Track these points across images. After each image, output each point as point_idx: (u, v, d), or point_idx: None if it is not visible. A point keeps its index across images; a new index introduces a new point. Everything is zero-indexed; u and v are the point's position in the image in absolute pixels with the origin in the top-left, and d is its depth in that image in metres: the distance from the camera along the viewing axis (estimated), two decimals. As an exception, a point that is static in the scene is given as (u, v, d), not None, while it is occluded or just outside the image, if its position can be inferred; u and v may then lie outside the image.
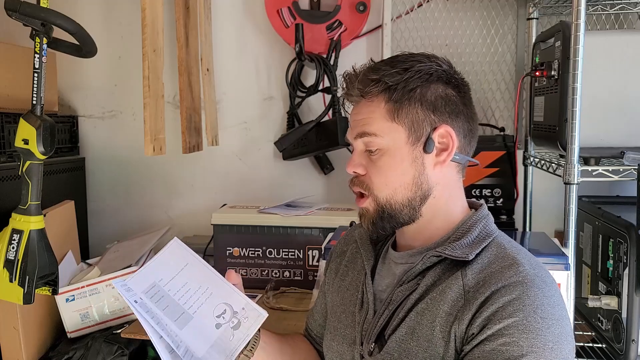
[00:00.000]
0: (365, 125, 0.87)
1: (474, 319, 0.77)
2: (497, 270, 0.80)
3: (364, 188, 0.88)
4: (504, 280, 0.78)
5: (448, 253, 0.83)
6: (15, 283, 1.20)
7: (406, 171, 0.86)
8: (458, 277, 0.82)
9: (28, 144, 1.18)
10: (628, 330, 1.26)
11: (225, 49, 1.95)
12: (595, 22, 1.70)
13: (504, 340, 0.74)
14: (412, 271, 0.86)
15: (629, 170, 1.25)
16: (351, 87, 0.89)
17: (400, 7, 1.84)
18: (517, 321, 0.74)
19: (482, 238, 0.86)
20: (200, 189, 2.01)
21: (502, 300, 0.76)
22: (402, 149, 0.86)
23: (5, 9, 1.14)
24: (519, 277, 0.78)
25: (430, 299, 0.82)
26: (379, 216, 0.88)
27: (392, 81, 0.86)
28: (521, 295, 0.76)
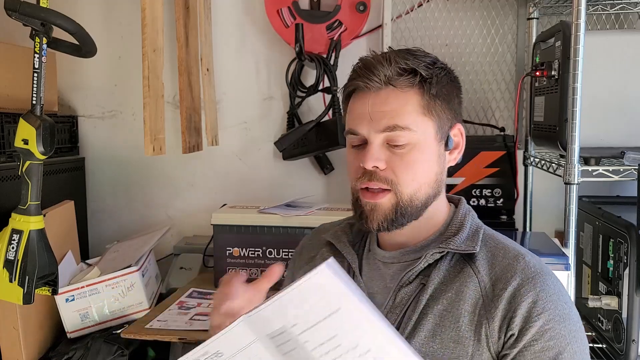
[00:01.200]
0: (396, 117, 0.82)
1: (509, 319, 0.78)
2: (507, 265, 0.82)
3: (387, 183, 0.83)
4: (520, 274, 0.80)
5: (454, 248, 0.83)
6: (15, 283, 1.20)
7: (432, 167, 0.85)
8: (471, 274, 0.82)
9: (28, 144, 1.18)
10: (628, 331, 1.26)
11: (225, 49, 1.95)
12: (595, 22, 1.70)
13: (549, 335, 0.77)
14: (414, 271, 0.84)
15: (629, 170, 1.25)
16: (377, 73, 0.82)
17: (400, 7, 1.83)
18: (552, 314, 0.78)
19: (475, 231, 0.88)
20: (200, 189, 2.01)
21: (531, 296, 0.78)
22: (432, 145, 0.85)
23: (5, 8, 1.14)
24: (531, 269, 0.81)
25: (447, 300, 0.81)
26: (397, 212, 0.83)
27: (427, 74, 0.83)
28: (543, 287, 0.79)
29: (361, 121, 0.84)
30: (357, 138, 0.86)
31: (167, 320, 1.42)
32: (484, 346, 0.79)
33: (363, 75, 0.84)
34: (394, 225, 0.85)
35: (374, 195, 0.84)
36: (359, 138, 0.85)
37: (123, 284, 1.48)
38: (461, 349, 0.79)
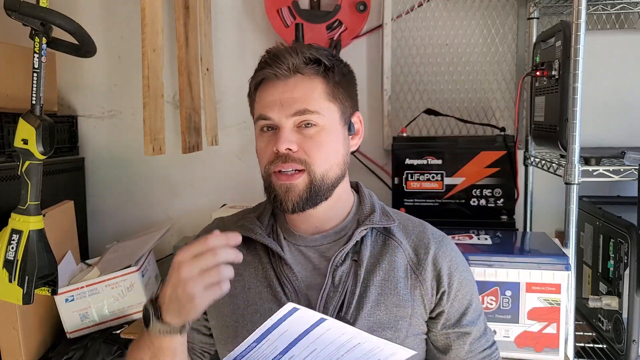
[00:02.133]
0: (304, 102, 0.88)
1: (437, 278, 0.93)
2: (419, 233, 0.97)
3: (300, 163, 0.88)
4: (433, 240, 0.96)
5: (377, 224, 0.94)
6: (15, 283, 1.20)
7: (339, 149, 0.92)
8: (396, 245, 0.94)
9: (27, 144, 1.18)
10: (629, 331, 1.26)
11: (225, 49, 1.95)
12: (595, 22, 1.70)
13: (464, 284, 0.95)
14: (345, 249, 0.92)
15: (630, 170, 1.25)
16: (284, 62, 0.88)
17: (400, 7, 1.83)
18: (462, 266, 0.96)
19: (382, 209, 0.99)
20: (200, 189, 2.01)
21: (447, 256, 0.95)
22: (337, 128, 0.92)
23: (5, 8, 1.14)
24: (436, 233, 0.98)
25: (383, 270, 0.92)
26: (311, 191, 0.89)
27: (330, 63, 0.91)
28: (450, 246, 0.97)
29: (272, 107, 0.89)
30: (267, 123, 0.90)
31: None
32: (419, 304, 0.92)
33: (272, 64, 0.89)
34: (308, 204, 0.90)
35: (289, 177, 0.89)
36: (269, 123, 0.90)
37: (123, 284, 1.48)
38: (403, 310, 0.90)
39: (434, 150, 1.58)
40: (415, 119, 1.79)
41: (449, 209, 1.59)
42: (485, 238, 1.37)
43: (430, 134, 1.85)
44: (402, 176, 1.60)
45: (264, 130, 0.91)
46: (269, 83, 0.91)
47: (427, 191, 1.60)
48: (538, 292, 1.21)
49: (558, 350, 1.21)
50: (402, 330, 0.90)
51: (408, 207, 1.60)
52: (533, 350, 1.22)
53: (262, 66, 0.91)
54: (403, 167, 1.60)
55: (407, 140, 1.64)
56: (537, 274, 1.21)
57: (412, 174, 1.60)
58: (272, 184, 0.91)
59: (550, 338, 1.21)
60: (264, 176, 0.93)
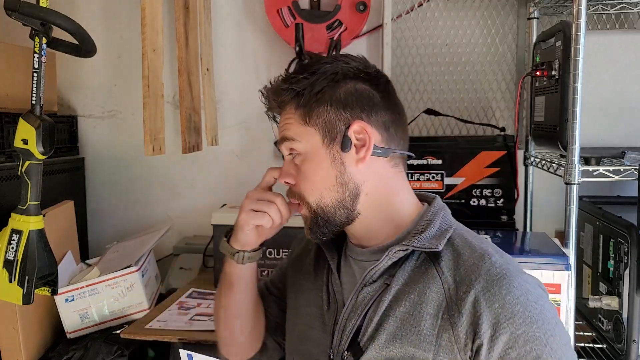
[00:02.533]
0: (284, 130, 0.88)
1: (475, 326, 0.74)
2: (472, 265, 0.78)
3: (296, 197, 0.88)
4: (484, 275, 0.76)
5: (417, 245, 0.80)
6: (15, 283, 1.20)
7: (328, 173, 0.85)
8: (435, 275, 0.79)
9: (27, 144, 1.18)
10: (629, 331, 1.26)
11: (225, 49, 1.95)
12: (595, 22, 1.70)
13: (523, 340, 0.73)
14: (376, 269, 0.83)
15: (630, 170, 1.25)
16: (269, 100, 0.90)
17: (401, 7, 1.83)
18: (522, 317, 0.74)
19: (444, 230, 0.84)
20: (200, 189, 2.01)
21: (497, 300, 0.74)
22: (320, 151, 0.85)
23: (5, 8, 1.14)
24: (496, 269, 0.77)
25: (409, 302, 0.79)
26: (314, 222, 0.87)
27: (300, 86, 0.86)
28: (510, 289, 0.75)
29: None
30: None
31: (167, 320, 1.42)
32: (445, 352, 0.76)
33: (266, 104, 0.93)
34: (320, 234, 0.88)
35: (297, 208, 0.90)
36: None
37: (123, 284, 1.48)
38: (421, 354, 0.76)
39: (434, 150, 1.58)
40: (415, 119, 1.79)
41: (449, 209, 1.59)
42: (485, 238, 1.36)
43: (430, 134, 1.85)
44: (402, 176, 1.60)
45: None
46: None
47: (427, 191, 1.59)
48: (538, 292, 1.21)
49: (558, 350, 1.21)
50: None
51: (408, 207, 1.60)
52: (533, 350, 1.22)
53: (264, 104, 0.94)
54: (403, 167, 1.60)
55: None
56: (537, 274, 1.20)
57: (412, 173, 1.60)
58: None
59: (550, 338, 1.21)
60: None
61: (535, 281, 0.81)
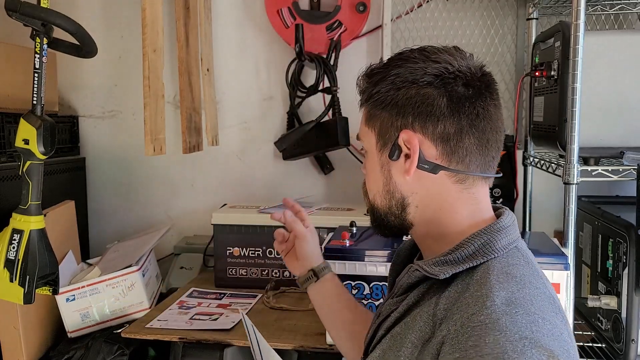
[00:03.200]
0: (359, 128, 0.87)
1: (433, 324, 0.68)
2: (466, 304, 0.65)
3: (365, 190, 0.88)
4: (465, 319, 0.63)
5: (425, 268, 0.73)
6: (16, 283, 1.20)
7: (377, 178, 0.81)
8: (431, 304, 0.71)
9: (28, 144, 1.18)
10: (628, 330, 1.26)
11: (225, 49, 1.95)
12: (595, 22, 1.70)
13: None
14: (400, 284, 0.80)
15: (629, 170, 1.26)
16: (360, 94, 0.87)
17: (400, 7, 1.84)
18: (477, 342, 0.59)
19: (472, 256, 0.71)
20: (200, 189, 2.02)
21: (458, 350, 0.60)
22: (374, 155, 0.81)
23: (6, 9, 1.14)
24: (482, 316, 0.62)
25: (404, 324, 0.74)
26: (372, 218, 0.86)
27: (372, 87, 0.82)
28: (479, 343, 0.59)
29: None
30: None
31: (167, 319, 1.42)
32: None
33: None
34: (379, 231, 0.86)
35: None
36: None
37: (123, 284, 1.49)
38: None
39: (434, 150, 1.58)
40: (415, 119, 1.79)
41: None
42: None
43: (430, 134, 1.85)
44: (401, 176, 1.61)
45: None
46: None
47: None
48: (537, 292, 1.21)
49: (557, 349, 1.21)
50: None
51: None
52: (532, 349, 1.22)
53: None
54: (403, 167, 1.60)
55: (407, 140, 1.64)
56: (536, 274, 1.21)
57: (411, 174, 1.60)
58: None
59: (549, 337, 1.21)
60: None
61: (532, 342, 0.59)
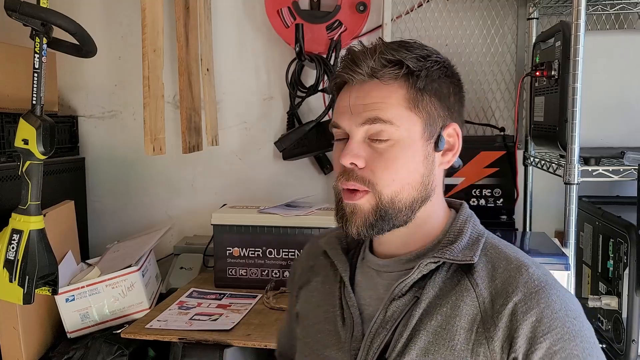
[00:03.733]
0: (378, 110, 0.76)
1: (511, 340, 0.71)
2: (509, 277, 0.74)
3: (364, 183, 0.77)
4: (522, 288, 0.73)
5: (450, 257, 0.76)
6: (15, 283, 1.20)
7: (417, 168, 0.78)
8: (469, 288, 0.75)
9: (28, 144, 1.18)
10: (628, 331, 1.26)
11: (225, 49, 1.95)
12: (595, 22, 1.70)
13: (560, 357, 0.70)
14: (407, 282, 0.77)
15: (629, 170, 1.25)
16: (360, 64, 0.77)
17: (400, 7, 1.84)
18: (561, 332, 0.70)
19: (475, 239, 0.80)
20: (200, 189, 2.01)
21: (534, 314, 0.71)
22: (417, 143, 0.77)
23: (5, 8, 1.14)
24: (534, 282, 0.73)
25: (442, 315, 0.74)
26: (377, 216, 0.77)
27: (416, 66, 0.77)
28: (548, 302, 0.72)
29: (343, 114, 0.79)
30: (340, 132, 0.80)
31: (167, 320, 1.42)
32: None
33: (347, 67, 0.79)
34: (374, 230, 0.78)
35: (351, 195, 0.78)
36: (342, 132, 0.80)
37: (123, 284, 1.49)
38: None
39: (434, 150, 1.58)
40: (415, 119, 1.79)
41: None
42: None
43: (430, 134, 1.85)
44: (402, 176, 1.60)
45: (337, 139, 0.81)
46: (345, 87, 0.81)
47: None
48: (537, 292, 1.21)
49: (557, 350, 1.21)
50: None
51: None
52: (532, 350, 1.22)
53: (340, 68, 0.81)
54: (403, 167, 1.60)
55: (407, 140, 1.64)
56: (536, 274, 1.21)
57: (412, 174, 1.60)
58: (341, 201, 0.80)
59: (549, 338, 1.21)
60: (335, 191, 0.82)
61: (573, 296, 0.77)
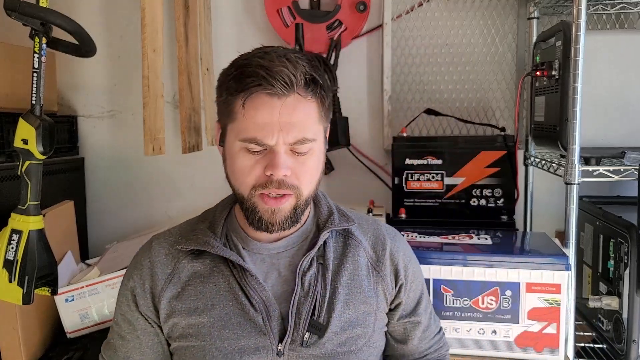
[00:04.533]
0: (304, 129, 0.84)
1: (395, 272, 0.98)
2: (374, 230, 1.00)
3: (290, 188, 0.85)
4: (388, 236, 1.00)
5: (341, 226, 0.95)
6: (15, 283, 1.20)
7: (320, 168, 0.91)
8: (357, 245, 0.96)
9: (27, 144, 1.18)
10: (629, 331, 1.26)
11: (225, 49, 1.95)
12: (595, 22, 1.70)
13: (416, 275, 1.02)
14: (311, 254, 0.91)
15: (630, 170, 1.25)
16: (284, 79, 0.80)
17: (401, 7, 1.83)
18: (413, 259, 1.03)
19: (340, 210, 1.00)
20: (200, 189, 2.01)
21: (401, 250, 1.00)
22: (322, 149, 0.91)
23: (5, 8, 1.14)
24: (389, 229, 1.03)
25: (348, 270, 0.94)
26: (296, 212, 0.88)
27: (322, 81, 0.86)
28: (401, 240, 1.03)
29: (270, 132, 0.82)
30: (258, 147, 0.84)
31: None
32: (381, 299, 0.96)
33: (269, 79, 0.80)
34: (292, 224, 0.89)
35: (277, 201, 0.86)
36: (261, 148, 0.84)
37: (123, 284, 1.48)
38: (369, 307, 0.93)
39: (434, 150, 1.58)
40: (415, 119, 1.79)
41: (449, 209, 1.59)
42: (485, 238, 1.37)
43: (430, 134, 1.85)
44: (402, 176, 1.61)
45: (250, 150, 0.84)
46: (263, 100, 0.82)
47: (427, 191, 1.60)
48: (538, 292, 1.21)
49: (558, 350, 1.21)
50: (369, 325, 0.93)
51: (408, 207, 1.60)
52: (533, 350, 1.22)
53: (257, 81, 0.81)
54: (403, 167, 1.60)
55: (407, 140, 1.64)
56: (537, 274, 1.21)
57: (412, 174, 1.60)
58: (256, 206, 0.87)
59: (550, 338, 1.21)
60: (246, 197, 0.87)
61: None
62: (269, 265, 0.93)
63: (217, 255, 0.91)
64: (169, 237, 0.98)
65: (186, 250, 0.93)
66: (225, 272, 0.91)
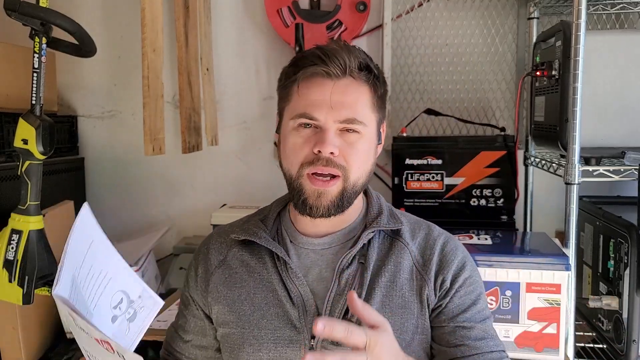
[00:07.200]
0: (354, 111, 0.87)
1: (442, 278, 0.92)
2: (427, 234, 0.97)
3: (338, 169, 0.87)
4: (439, 241, 0.95)
5: (384, 227, 0.93)
6: (15, 283, 1.20)
7: (371, 158, 0.92)
8: (403, 247, 0.94)
9: (27, 144, 1.18)
10: (629, 331, 1.26)
11: (225, 49, 1.95)
12: (595, 22, 1.70)
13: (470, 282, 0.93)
14: (352, 252, 0.91)
15: (630, 170, 1.25)
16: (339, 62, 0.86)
17: (401, 7, 1.83)
18: (471, 266, 0.95)
19: (390, 210, 0.99)
20: (200, 189, 2.01)
21: (452, 257, 0.94)
22: (373, 138, 0.92)
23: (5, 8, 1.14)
24: (442, 235, 0.98)
25: (388, 272, 0.91)
26: (343, 198, 0.88)
27: (377, 72, 0.90)
28: (457, 246, 0.97)
29: (320, 108, 0.86)
30: (310, 122, 0.87)
31: (166, 320, 1.42)
32: (425, 306, 0.91)
33: (326, 61, 0.86)
34: (338, 210, 0.89)
35: (325, 183, 0.87)
36: (313, 123, 0.87)
37: (123, 284, 1.48)
38: (408, 312, 0.90)
39: (434, 150, 1.58)
40: (415, 119, 1.79)
41: (449, 209, 1.59)
42: (485, 238, 1.37)
43: (430, 134, 1.85)
44: (402, 176, 1.61)
45: (302, 126, 0.88)
46: (317, 80, 0.87)
47: (427, 191, 1.60)
48: (538, 292, 1.21)
49: (558, 350, 1.21)
50: (408, 332, 0.90)
51: (408, 207, 1.60)
52: (533, 350, 1.22)
53: (314, 61, 0.87)
54: (403, 167, 1.60)
55: (407, 140, 1.64)
56: (537, 274, 1.21)
57: (412, 174, 1.60)
58: (303, 186, 0.88)
59: (550, 338, 1.21)
60: (294, 176, 0.89)
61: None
62: (313, 260, 0.94)
63: (264, 247, 0.94)
64: (228, 228, 1.03)
65: (238, 240, 0.97)
66: (269, 264, 0.94)
